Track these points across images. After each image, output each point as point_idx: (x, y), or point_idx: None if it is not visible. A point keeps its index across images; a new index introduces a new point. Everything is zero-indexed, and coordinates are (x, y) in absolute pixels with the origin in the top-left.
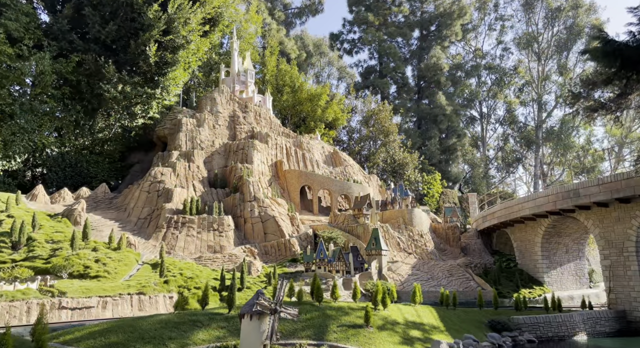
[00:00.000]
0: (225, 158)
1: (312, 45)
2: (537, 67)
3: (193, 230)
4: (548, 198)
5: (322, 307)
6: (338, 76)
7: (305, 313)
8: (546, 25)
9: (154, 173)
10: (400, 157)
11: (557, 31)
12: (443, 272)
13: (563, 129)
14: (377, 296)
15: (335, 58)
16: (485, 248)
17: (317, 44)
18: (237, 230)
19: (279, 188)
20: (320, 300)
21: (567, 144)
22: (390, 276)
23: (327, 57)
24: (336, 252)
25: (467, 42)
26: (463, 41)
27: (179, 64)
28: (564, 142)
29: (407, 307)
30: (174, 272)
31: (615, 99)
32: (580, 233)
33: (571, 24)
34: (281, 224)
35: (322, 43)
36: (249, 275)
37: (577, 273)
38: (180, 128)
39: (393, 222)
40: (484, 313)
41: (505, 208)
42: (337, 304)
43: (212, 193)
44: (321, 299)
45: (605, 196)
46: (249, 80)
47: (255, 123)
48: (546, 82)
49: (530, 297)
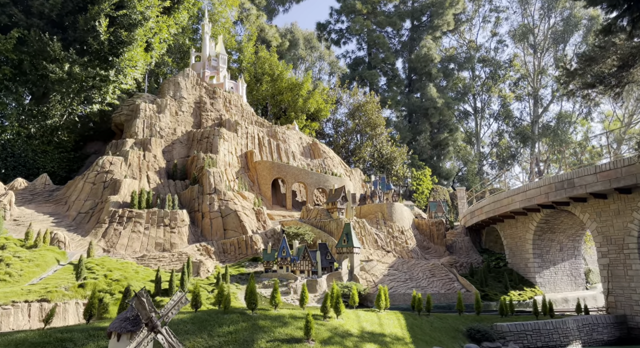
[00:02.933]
0: (187, 147)
1: (302, 38)
2: (533, 60)
3: (140, 225)
4: (540, 189)
5: (255, 317)
6: (330, 71)
7: (230, 324)
8: (542, 17)
9: (101, 162)
10: (388, 151)
11: (553, 23)
12: (424, 272)
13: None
14: (326, 301)
15: (327, 53)
16: (473, 247)
17: (307, 38)
18: (193, 226)
19: (248, 181)
20: (253, 308)
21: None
22: (363, 277)
23: (319, 52)
24: (301, 250)
25: (461, 34)
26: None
27: (136, 43)
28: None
29: (369, 314)
30: (98, 274)
31: (616, 72)
32: (576, 229)
33: (568, 15)
34: (244, 219)
35: (313, 37)
36: (197, 276)
37: (573, 274)
38: (138, 114)
39: (371, 218)
40: (464, 320)
41: (494, 202)
42: (276, 312)
43: (169, 186)
44: (255, 306)
45: (603, 186)
46: (220, 65)
47: (224, 110)
48: (542, 76)
49: (519, 299)
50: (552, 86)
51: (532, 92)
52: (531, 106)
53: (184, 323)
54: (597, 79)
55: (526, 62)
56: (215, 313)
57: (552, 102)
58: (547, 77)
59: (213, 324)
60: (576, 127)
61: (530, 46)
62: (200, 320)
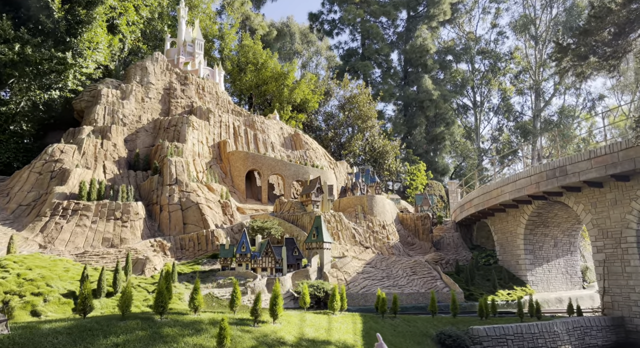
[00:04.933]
0: (153, 136)
1: (299, 32)
2: (535, 52)
3: (87, 219)
4: (530, 179)
5: (161, 323)
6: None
7: (121, 334)
8: (544, 7)
9: (50, 151)
10: (380, 145)
11: (555, 14)
12: (404, 270)
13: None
14: (257, 303)
15: (324, 47)
16: (463, 243)
17: (304, 32)
18: (150, 220)
19: (220, 172)
20: (162, 311)
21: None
22: (335, 275)
23: (316, 46)
24: (263, 245)
25: (460, 26)
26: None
27: (95, 22)
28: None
29: (319, 318)
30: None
31: (612, 40)
32: (572, 222)
33: (571, 4)
34: (206, 213)
35: (309, 33)
36: (140, 274)
37: (568, 271)
38: (99, 100)
39: (350, 211)
40: (436, 323)
41: (483, 195)
42: (194, 317)
43: (129, 177)
44: (164, 311)
45: (598, 173)
46: (196, 51)
47: (196, 98)
48: (544, 69)
49: (508, 299)
50: (554, 79)
51: (533, 85)
52: (533, 100)
53: (56, 334)
54: (590, 50)
55: (527, 54)
56: (109, 320)
57: (555, 96)
58: (549, 70)
59: (97, 335)
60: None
61: (531, 38)
62: (81, 330)
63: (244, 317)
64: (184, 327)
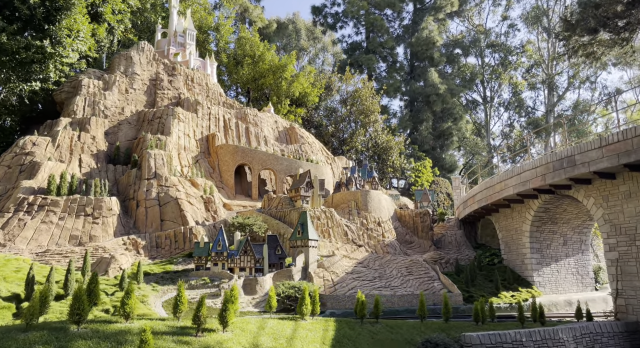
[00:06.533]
0: (136, 129)
1: (305, 29)
2: (547, 45)
3: (54, 215)
4: (535, 171)
5: (75, 335)
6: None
7: None
8: None
9: (22, 143)
10: (383, 140)
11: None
12: (399, 270)
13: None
14: (200, 309)
15: (330, 44)
16: (467, 241)
17: (310, 28)
18: (125, 217)
19: (207, 167)
20: (79, 321)
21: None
22: (321, 275)
23: (322, 43)
24: (242, 243)
25: (470, 19)
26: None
27: (75, 8)
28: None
29: (281, 324)
30: None
31: (625, 11)
32: (582, 219)
33: None
34: (185, 209)
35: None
36: (104, 275)
37: (579, 272)
38: (79, 91)
39: (343, 207)
40: (424, 329)
41: (486, 189)
42: (122, 326)
43: (107, 171)
44: (81, 319)
45: (610, 162)
46: (188, 41)
47: (184, 89)
48: (557, 62)
49: (511, 302)
50: (568, 72)
51: (546, 79)
52: (545, 94)
53: None
54: (600, 23)
55: (540, 47)
56: (6, 332)
57: (569, 90)
58: (563, 64)
59: None
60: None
61: (544, 30)
62: None
63: (188, 325)
64: (103, 339)
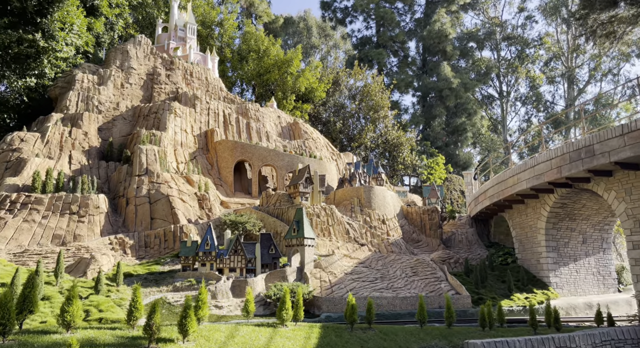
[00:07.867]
0: (132, 124)
1: (316, 26)
2: (567, 37)
3: (37, 213)
4: (550, 163)
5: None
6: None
7: None
8: None
9: (9, 139)
10: (394, 137)
11: None
12: (404, 270)
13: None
14: (151, 316)
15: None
16: (478, 240)
17: (321, 26)
18: (114, 215)
19: (206, 163)
20: (5, 333)
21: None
22: (318, 275)
23: (334, 40)
24: (232, 242)
25: (485, 11)
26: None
27: (68, 0)
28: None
29: (256, 332)
30: None
31: None
32: (604, 215)
33: None
34: (177, 206)
35: (327, 26)
36: (81, 277)
37: (600, 272)
38: (73, 86)
39: (346, 204)
40: (423, 335)
41: (498, 184)
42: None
43: (98, 168)
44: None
45: (633, 151)
46: (188, 35)
47: (183, 83)
48: (577, 55)
49: (525, 304)
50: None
51: (565, 72)
52: (565, 88)
53: None
54: None
55: (559, 39)
56: None
57: (590, 83)
58: (584, 56)
59: None
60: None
61: (563, 21)
62: None
63: (142, 335)
64: None
